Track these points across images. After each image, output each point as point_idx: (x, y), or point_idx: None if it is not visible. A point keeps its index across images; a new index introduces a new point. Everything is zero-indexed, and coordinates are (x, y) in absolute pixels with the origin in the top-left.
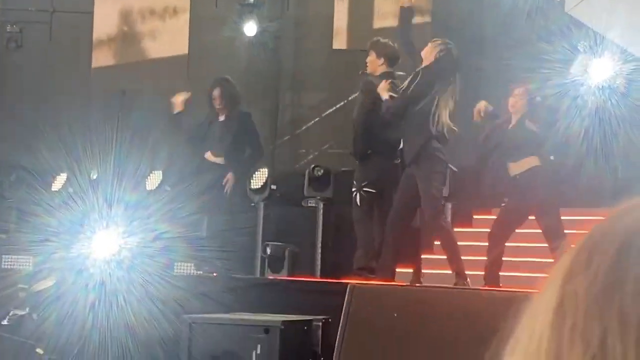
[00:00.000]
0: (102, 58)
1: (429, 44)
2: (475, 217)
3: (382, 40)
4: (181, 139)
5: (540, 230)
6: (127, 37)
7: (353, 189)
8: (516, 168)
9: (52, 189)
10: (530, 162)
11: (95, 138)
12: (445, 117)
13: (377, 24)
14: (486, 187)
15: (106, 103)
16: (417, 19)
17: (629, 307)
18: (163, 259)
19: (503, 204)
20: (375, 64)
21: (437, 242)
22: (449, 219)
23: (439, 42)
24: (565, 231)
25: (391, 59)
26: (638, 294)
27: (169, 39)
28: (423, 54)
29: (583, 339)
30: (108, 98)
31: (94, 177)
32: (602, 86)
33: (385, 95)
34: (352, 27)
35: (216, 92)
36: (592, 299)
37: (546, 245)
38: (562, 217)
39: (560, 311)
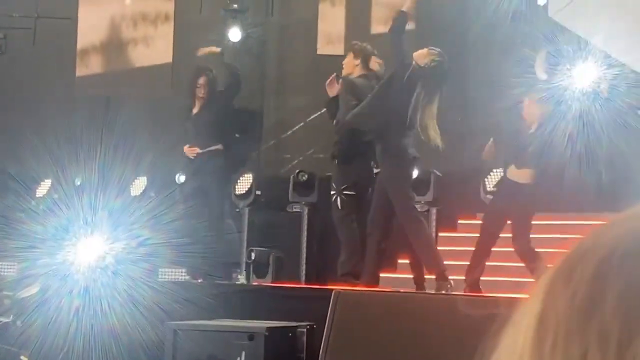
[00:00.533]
0: (86, 65)
1: (425, 50)
2: (460, 222)
3: (360, 43)
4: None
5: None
6: (111, 45)
7: (332, 192)
8: (515, 175)
9: (37, 195)
10: (527, 175)
11: (80, 144)
12: (432, 130)
13: (375, 29)
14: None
15: (91, 109)
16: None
17: (610, 324)
18: (147, 265)
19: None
20: (351, 64)
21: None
22: (434, 223)
23: (436, 51)
24: (549, 236)
25: (366, 61)
26: (619, 309)
27: (153, 47)
28: (416, 55)
29: (564, 358)
30: (93, 104)
31: (79, 183)
32: (586, 91)
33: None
34: (349, 33)
35: (202, 80)
36: (572, 315)
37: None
38: (547, 222)
39: (541, 328)
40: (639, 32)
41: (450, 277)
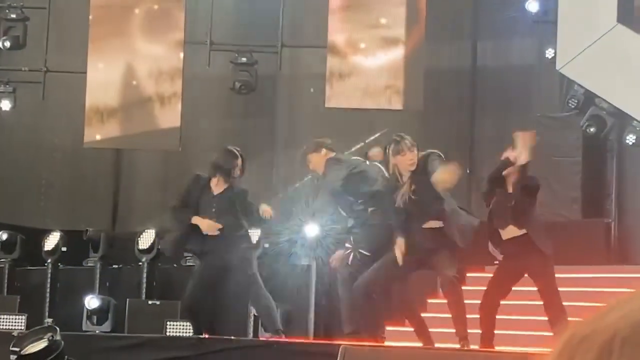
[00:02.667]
0: (94, 129)
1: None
2: (468, 275)
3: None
4: None
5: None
6: (120, 99)
7: (347, 246)
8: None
9: (45, 249)
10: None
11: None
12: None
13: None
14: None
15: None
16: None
17: None
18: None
19: (496, 262)
20: (320, 161)
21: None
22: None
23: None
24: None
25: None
26: None
27: (161, 107)
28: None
29: None
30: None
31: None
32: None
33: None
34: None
35: (239, 161)
36: None
37: (540, 303)
38: (559, 275)
39: None
40: None
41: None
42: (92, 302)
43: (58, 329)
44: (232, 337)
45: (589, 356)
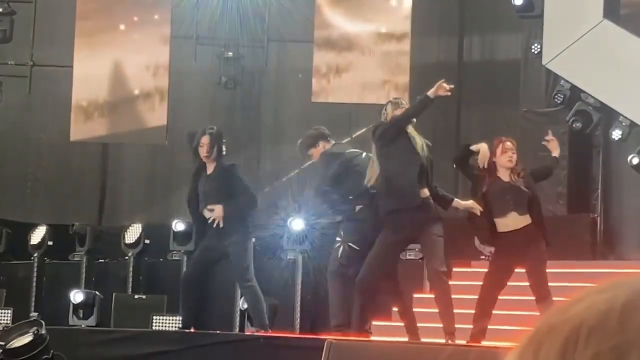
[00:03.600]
0: (80, 123)
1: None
2: (455, 269)
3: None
4: None
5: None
6: (106, 93)
7: (338, 239)
8: (504, 225)
9: (31, 243)
10: (521, 221)
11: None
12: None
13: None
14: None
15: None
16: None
17: None
18: None
19: (482, 257)
20: (317, 152)
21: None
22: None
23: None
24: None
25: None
26: None
27: (148, 102)
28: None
29: None
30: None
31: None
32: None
33: None
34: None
35: (205, 140)
36: None
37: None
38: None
39: None
40: (631, 78)
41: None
42: (76, 296)
43: (43, 323)
44: (219, 332)
45: (556, 345)
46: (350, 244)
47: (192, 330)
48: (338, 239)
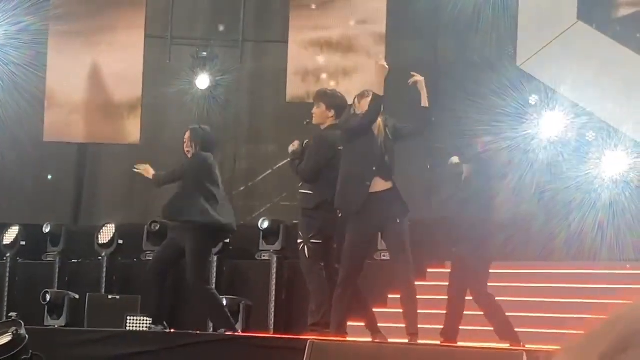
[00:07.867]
0: (54, 123)
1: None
2: (429, 270)
3: (328, 90)
4: None
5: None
6: (80, 89)
7: (299, 241)
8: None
9: (4, 243)
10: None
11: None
12: None
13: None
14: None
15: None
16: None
17: None
18: None
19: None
20: (324, 115)
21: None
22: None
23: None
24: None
25: (340, 111)
26: None
27: (122, 101)
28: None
29: None
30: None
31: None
32: (554, 140)
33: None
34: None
35: (186, 135)
36: None
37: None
38: (514, 270)
39: None
40: (605, 80)
41: (419, 326)
42: (45, 296)
43: (23, 323)
44: (197, 332)
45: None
46: (312, 241)
47: (170, 330)
48: (300, 240)
